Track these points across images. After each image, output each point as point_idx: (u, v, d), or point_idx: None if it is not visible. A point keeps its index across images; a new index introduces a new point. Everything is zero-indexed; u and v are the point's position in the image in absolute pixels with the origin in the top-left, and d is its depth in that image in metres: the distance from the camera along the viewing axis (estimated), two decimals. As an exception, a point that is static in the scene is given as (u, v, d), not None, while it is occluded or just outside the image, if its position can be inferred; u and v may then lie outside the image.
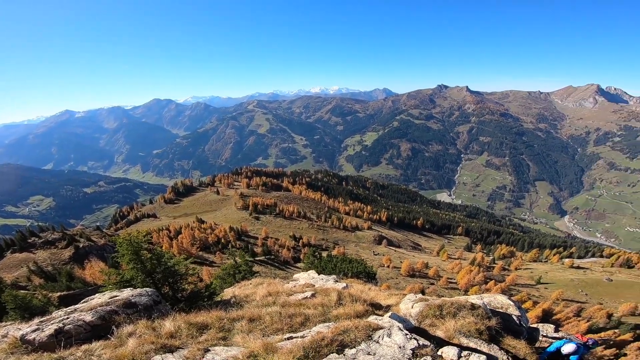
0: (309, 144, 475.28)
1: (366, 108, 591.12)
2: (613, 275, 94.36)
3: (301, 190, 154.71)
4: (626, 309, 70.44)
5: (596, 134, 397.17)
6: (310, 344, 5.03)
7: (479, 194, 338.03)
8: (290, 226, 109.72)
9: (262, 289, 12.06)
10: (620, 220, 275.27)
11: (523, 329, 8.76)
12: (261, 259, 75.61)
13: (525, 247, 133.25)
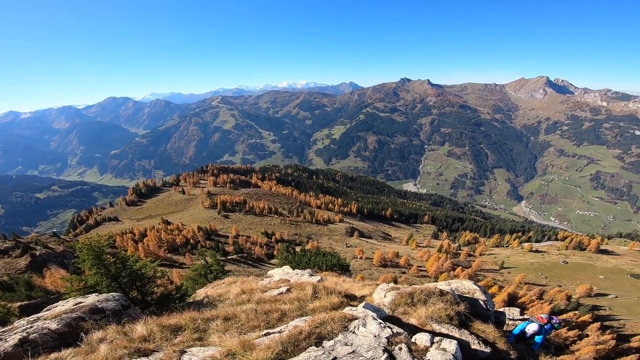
0: (278, 139, 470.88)
1: (334, 102, 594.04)
2: (568, 257, 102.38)
3: (271, 185, 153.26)
4: (582, 291, 76.82)
5: (546, 123, 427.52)
6: (288, 339, 5.06)
7: (443, 182, 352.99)
8: (261, 223, 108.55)
9: (235, 288, 11.90)
10: (571, 204, 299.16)
11: (490, 313, 9.13)
12: (233, 257, 74.19)
13: (488, 233, 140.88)
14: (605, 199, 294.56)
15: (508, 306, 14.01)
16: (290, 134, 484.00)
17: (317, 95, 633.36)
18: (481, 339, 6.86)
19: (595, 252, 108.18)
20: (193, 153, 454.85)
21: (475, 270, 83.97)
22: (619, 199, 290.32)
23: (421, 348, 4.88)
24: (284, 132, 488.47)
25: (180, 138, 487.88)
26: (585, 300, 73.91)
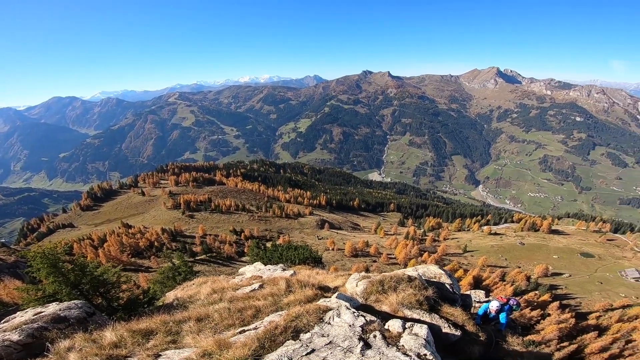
0: (242, 135, 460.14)
1: (298, 95, 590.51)
2: (524, 239, 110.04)
3: (237, 182, 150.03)
4: (540, 271, 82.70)
5: (498, 112, 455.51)
6: (264, 335, 5.04)
7: (405, 171, 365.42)
8: (229, 221, 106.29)
9: (206, 288, 11.67)
10: (523, 186, 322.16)
11: (457, 297, 9.48)
12: (202, 257, 72.97)
13: (450, 218, 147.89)
14: (553, 181, 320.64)
15: (474, 289, 14.86)
16: (255, 129, 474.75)
17: (282, 89, 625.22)
18: (451, 322, 7.09)
19: (548, 233, 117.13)
20: (151, 152, 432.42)
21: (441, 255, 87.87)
22: (565, 180, 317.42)
23: (394, 334, 4.96)
24: (248, 127, 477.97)
25: (136, 137, 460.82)
26: (543, 280, 79.67)
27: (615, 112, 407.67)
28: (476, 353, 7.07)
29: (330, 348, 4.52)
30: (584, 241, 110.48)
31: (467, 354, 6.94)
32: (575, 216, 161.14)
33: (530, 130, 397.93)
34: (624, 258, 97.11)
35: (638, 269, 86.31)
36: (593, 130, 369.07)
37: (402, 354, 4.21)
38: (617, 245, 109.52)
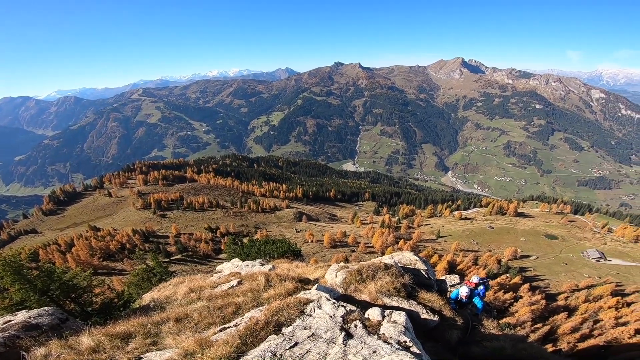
0: (212, 130, 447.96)
1: (270, 88, 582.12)
2: (493, 222, 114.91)
3: (209, 178, 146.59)
4: (509, 254, 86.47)
5: (464, 101, 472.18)
6: (245, 331, 4.99)
7: (378, 160, 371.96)
8: (203, 218, 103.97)
9: (182, 288, 11.45)
10: (490, 171, 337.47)
11: (432, 282, 9.66)
12: (178, 257, 71.70)
13: (422, 205, 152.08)
14: (516, 165, 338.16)
15: (449, 274, 15.36)
16: (225, 124, 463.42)
17: (252, 83, 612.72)
18: (428, 308, 7.23)
19: (514, 216, 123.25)
20: (116, 151, 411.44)
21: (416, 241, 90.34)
22: (528, 164, 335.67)
23: (374, 323, 5.02)
24: (218, 121, 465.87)
25: (98, 136, 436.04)
26: (513, 263, 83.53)
27: (571, 100, 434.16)
28: (455, 338, 7.21)
29: (313, 340, 4.54)
30: (547, 223, 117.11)
31: (446, 339, 7.07)
32: (539, 198, 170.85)
33: (494, 117, 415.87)
34: (585, 239, 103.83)
35: (598, 249, 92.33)
36: (551, 117, 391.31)
37: (383, 342, 4.27)
38: (577, 226, 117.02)
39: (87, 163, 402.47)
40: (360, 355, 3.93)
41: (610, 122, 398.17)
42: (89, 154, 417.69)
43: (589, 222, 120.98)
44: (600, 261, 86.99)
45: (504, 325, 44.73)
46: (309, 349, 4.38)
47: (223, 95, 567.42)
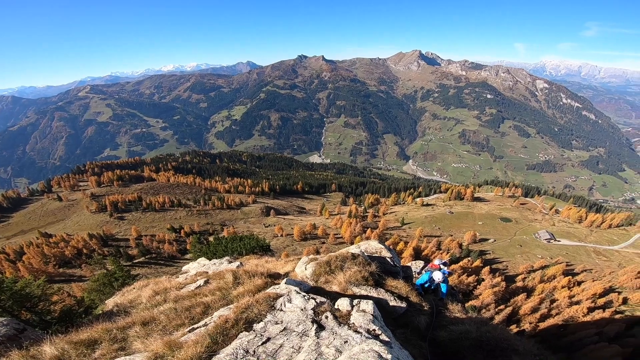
0: (169, 126, 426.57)
1: (231, 82, 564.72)
2: (452, 208, 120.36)
3: (169, 176, 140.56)
4: (469, 238, 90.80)
5: (421, 92, 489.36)
6: (215, 330, 4.90)
7: (343, 151, 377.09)
8: (165, 218, 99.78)
9: (146, 291, 11.03)
10: (447, 158, 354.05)
11: (398, 269, 9.91)
12: (141, 260, 69.73)
13: (386, 193, 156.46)
14: (471, 152, 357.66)
15: (415, 259, 15.96)
16: (184, 119, 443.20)
17: (211, 77, 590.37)
18: (396, 295, 7.41)
19: (471, 200, 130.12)
20: (63, 152, 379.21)
21: (382, 229, 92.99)
22: (481, 151, 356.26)
23: (344, 313, 5.07)
24: (176, 117, 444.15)
25: (42, 137, 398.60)
26: (473, 246, 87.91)
27: (519, 90, 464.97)
28: (423, 323, 7.39)
29: (285, 334, 4.54)
30: (502, 206, 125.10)
31: (415, 325, 7.25)
32: (493, 183, 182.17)
33: (449, 108, 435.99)
34: (536, 220, 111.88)
35: (548, 230, 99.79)
36: (501, 106, 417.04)
37: (354, 331, 4.33)
38: (528, 208, 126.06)
39: (31, 166, 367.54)
40: (333, 346, 3.97)
41: (553, 110, 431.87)
42: (32, 157, 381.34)
43: (538, 205, 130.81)
44: (551, 242, 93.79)
45: (470, 308, 46.91)
46: (281, 343, 4.37)
47: (180, 90, 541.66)
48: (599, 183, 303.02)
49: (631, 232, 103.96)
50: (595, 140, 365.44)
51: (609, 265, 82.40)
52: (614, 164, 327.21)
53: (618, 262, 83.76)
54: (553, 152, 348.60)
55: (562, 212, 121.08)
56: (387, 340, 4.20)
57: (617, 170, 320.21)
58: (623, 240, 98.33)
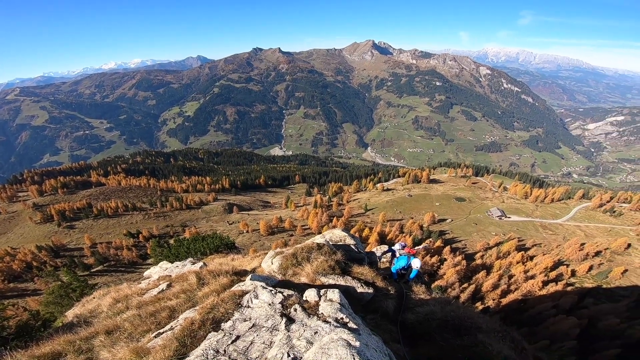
0: (115, 127, 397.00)
1: (180, 78, 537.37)
2: (411, 191, 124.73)
3: (119, 180, 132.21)
4: (428, 219, 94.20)
5: (376, 81, 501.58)
6: (182, 333, 4.79)
7: (304, 142, 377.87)
8: (120, 224, 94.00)
9: (106, 299, 10.48)
10: (403, 144, 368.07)
11: (363, 255, 10.07)
12: (99, 269, 67.78)
13: (349, 181, 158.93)
14: (424, 137, 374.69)
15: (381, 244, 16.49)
16: (131, 118, 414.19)
17: (159, 73, 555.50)
18: (362, 281, 7.49)
19: (428, 183, 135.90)
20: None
21: (348, 217, 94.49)
22: (434, 136, 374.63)
23: (313, 304, 5.08)
24: (122, 117, 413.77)
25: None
26: (433, 227, 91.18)
27: (464, 76, 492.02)
28: (391, 307, 7.56)
29: (255, 331, 4.51)
30: (455, 187, 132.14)
31: (384, 310, 7.40)
32: (446, 165, 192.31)
33: (402, 95, 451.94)
34: (487, 198, 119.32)
35: (499, 207, 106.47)
36: (450, 92, 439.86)
37: (323, 321, 4.36)
38: (479, 187, 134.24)
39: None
40: (304, 338, 4.00)
41: (495, 95, 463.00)
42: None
43: (488, 183, 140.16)
44: (502, 219, 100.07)
45: (437, 289, 48.77)
46: (252, 340, 4.35)
47: (124, 88, 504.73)
48: (540, 160, 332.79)
49: (570, 205, 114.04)
50: (534, 121, 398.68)
51: (555, 238, 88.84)
52: (551, 142, 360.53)
53: (563, 235, 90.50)
54: (498, 134, 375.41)
55: (509, 188, 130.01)
56: (355, 328, 4.29)
57: (554, 147, 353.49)
58: (565, 214, 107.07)
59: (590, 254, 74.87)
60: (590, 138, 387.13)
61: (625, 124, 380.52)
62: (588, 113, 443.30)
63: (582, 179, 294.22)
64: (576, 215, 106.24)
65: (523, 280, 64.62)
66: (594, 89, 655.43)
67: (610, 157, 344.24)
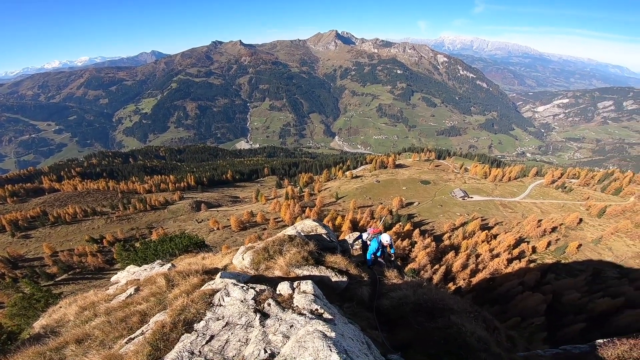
0: (65, 128, 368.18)
1: (134, 74, 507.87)
2: (379, 177, 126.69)
3: (75, 184, 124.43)
4: (397, 204, 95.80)
5: (340, 71, 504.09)
6: (154, 336, 4.65)
7: (271, 134, 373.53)
8: (81, 230, 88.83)
9: (73, 308, 10.00)
10: (368, 132, 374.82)
11: (335, 244, 10.11)
12: (64, 277, 65.20)
13: (318, 170, 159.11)
14: (389, 124, 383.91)
15: (353, 231, 16.65)
16: (82, 119, 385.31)
17: (110, 70, 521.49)
18: (336, 270, 7.52)
19: (394, 168, 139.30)
20: None
21: (320, 207, 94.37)
22: (397, 122, 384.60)
23: (286, 297, 5.01)
24: (72, 118, 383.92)
25: None
26: (401, 211, 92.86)
27: (423, 64, 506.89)
28: (366, 294, 7.62)
29: (229, 329, 4.44)
30: (420, 170, 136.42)
31: (359, 297, 7.46)
32: (410, 150, 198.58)
33: (366, 84, 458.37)
34: (450, 180, 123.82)
35: (461, 188, 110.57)
36: (410, 80, 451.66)
37: (298, 314, 4.33)
38: (442, 169, 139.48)
39: None
40: (280, 333, 3.97)
41: (453, 81, 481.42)
42: None
43: (450, 165, 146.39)
44: (465, 199, 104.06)
45: (410, 272, 49.95)
46: (227, 338, 4.28)
47: (72, 87, 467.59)
48: (496, 142, 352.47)
49: (526, 183, 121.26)
50: (489, 105, 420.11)
51: (514, 216, 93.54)
52: (506, 124, 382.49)
53: (521, 213, 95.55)
54: (456, 119, 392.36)
55: (470, 169, 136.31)
56: (331, 318, 4.29)
57: (508, 130, 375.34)
58: (521, 192, 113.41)
59: (547, 230, 79.65)
60: (540, 120, 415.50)
61: (570, 106, 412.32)
62: (537, 96, 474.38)
63: (535, 157, 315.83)
64: (532, 193, 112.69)
65: (489, 259, 67.43)
66: (542, 73, 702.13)
67: (559, 136, 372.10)
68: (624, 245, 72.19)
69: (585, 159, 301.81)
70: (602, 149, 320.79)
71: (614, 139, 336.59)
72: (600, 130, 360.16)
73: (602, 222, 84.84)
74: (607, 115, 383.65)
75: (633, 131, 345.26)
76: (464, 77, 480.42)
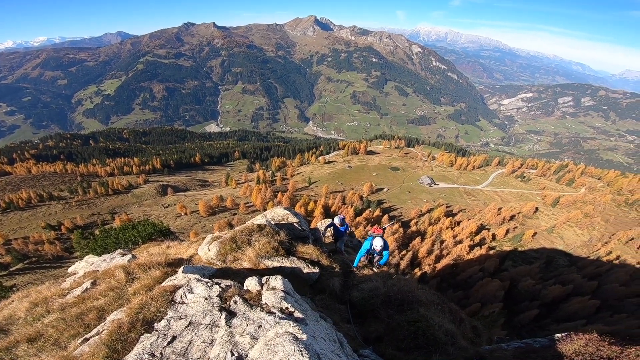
0: (18, 110, 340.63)
1: (97, 55, 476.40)
2: (350, 162, 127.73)
3: (29, 167, 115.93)
4: (367, 189, 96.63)
5: (317, 56, 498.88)
6: (110, 337, 4.27)
7: (243, 118, 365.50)
8: (36, 216, 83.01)
9: (23, 304, 9.21)
10: (342, 118, 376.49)
11: (307, 233, 9.76)
12: (19, 267, 61.36)
13: (291, 155, 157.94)
14: (362, 111, 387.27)
15: (326, 217, 16.43)
16: (37, 100, 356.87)
17: (70, 50, 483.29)
18: (308, 261, 7.28)
19: (365, 154, 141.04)
20: None
21: (292, 192, 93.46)
22: (370, 110, 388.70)
23: (255, 294, 4.70)
24: (25, 99, 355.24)
25: None
26: (371, 197, 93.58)
27: (398, 54, 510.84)
28: (338, 286, 7.47)
29: (192, 329, 4.17)
30: (390, 157, 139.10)
31: (331, 289, 7.31)
32: (381, 137, 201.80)
33: (341, 71, 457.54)
34: (418, 167, 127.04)
35: (429, 175, 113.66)
36: (385, 69, 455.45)
37: (267, 313, 4.10)
38: (411, 157, 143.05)
39: None
40: (247, 334, 3.72)
41: (425, 72, 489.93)
42: None
43: (418, 153, 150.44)
44: (432, 186, 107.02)
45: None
46: (190, 339, 4.00)
47: (27, 68, 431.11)
48: (463, 132, 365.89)
49: (489, 172, 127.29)
50: (458, 96, 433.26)
51: (477, 204, 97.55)
52: (472, 115, 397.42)
53: (483, 201, 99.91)
54: (427, 108, 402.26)
55: (437, 158, 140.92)
56: (302, 317, 4.11)
57: (475, 121, 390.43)
58: (484, 180, 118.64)
59: (506, 218, 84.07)
60: (505, 112, 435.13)
61: (533, 100, 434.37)
62: (503, 90, 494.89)
63: (498, 148, 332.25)
64: (493, 181, 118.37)
65: (453, 245, 70.10)
66: (510, 68, 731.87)
67: (521, 129, 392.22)
68: (574, 235, 78.04)
69: (544, 151, 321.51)
70: (559, 142, 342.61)
71: (571, 133, 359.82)
72: (558, 125, 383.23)
73: (556, 212, 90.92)
74: (566, 110, 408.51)
75: (588, 126, 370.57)
76: (436, 68, 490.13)
